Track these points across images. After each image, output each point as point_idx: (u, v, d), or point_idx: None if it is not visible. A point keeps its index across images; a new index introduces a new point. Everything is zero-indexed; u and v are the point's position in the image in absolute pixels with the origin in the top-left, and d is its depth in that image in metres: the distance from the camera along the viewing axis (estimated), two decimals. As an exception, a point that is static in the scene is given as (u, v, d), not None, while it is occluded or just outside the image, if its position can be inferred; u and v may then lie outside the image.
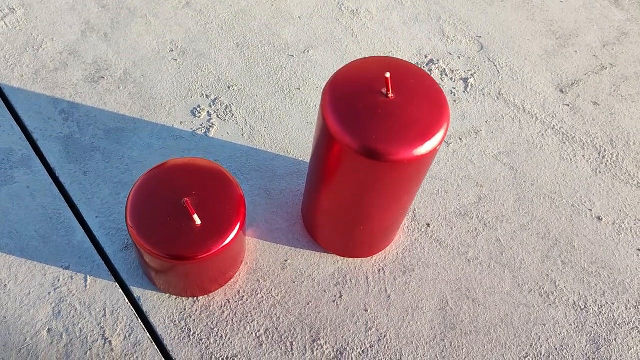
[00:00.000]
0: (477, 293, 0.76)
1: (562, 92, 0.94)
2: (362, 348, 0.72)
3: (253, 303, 0.73)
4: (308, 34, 0.96)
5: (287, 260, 0.77)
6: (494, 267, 0.78)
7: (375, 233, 0.72)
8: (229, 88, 0.89)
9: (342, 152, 0.58)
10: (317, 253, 0.77)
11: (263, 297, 0.74)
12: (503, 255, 0.79)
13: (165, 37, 0.93)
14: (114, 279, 0.74)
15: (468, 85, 0.93)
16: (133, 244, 0.69)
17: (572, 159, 0.87)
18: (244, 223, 0.66)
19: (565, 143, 0.89)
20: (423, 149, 0.56)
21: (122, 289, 0.73)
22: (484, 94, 0.92)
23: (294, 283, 0.75)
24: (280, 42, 0.95)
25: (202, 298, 0.73)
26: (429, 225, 0.80)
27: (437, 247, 0.79)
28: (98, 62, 0.90)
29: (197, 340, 0.71)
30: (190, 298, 0.73)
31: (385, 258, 0.78)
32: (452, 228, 0.81)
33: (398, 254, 0.78)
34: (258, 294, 0.74)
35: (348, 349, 0.72)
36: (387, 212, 0.67)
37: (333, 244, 0.76)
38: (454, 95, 0.92)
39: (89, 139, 0.83)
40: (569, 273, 0.79)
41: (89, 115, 0.85)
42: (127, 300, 0.72)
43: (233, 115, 0.87)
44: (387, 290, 0.76)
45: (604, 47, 0.99)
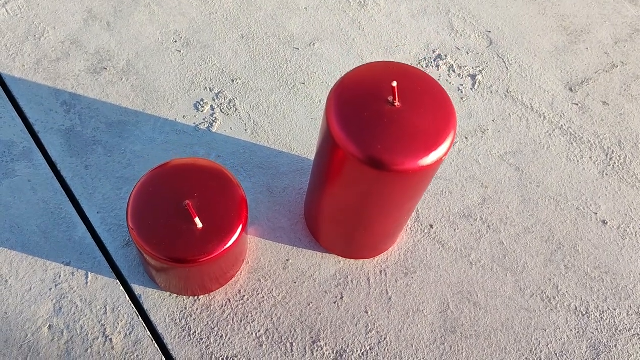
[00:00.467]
0: (478, 296, 0.76)
1: (571, 90, 0.92)
2: (362, 350, 0.72)
3: (254, 303, 0.73)
4: (314, 26, 0.94)
5: (288, 260, 0.76)
6: (497, 270, 0.78)
7: (378, 236, 0.71)
8: (233, 81, 0.88)
9: (345, 159, 0.57)
10: (318, 253, 0.77)
11: (264, 297, 0.74)
12: (506, 259, 0.79)
13: (169, 27, 0.92)
14: (115, 276, 0.74)
15: (476, 82, 0.91)
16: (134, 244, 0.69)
17: (579, 161, 0.86)
18: (246, 226, 0.65)
19: (573, 144, 0.87)
20: (428, 160, 0.55)
21: (123, 287, 0.73)
22: (492, 92, 0.91)
23: (295, 283, 0.75)
24: (286, 34, 0.93)
25: (203, 297, 0.73)
26: (432, 227, 0.80)
27: (439, 249, 0.79)
28: (100, 52, 0.88)
29: (197, 340, 0.71)
30: (191, 297, 0.73)
31: (388, 259, 0.77)
32: (455, 230, 0.80)
33: (400, 256, 0.78)
34: (259, 294, 0.74)
35: (348, 351, 0.72)
36: (389, 217, 0.66)
37: (335, 245, 0.75)
38: (461, 93, 0.90)
39: (91, 132, 0.82)
40: (572, 278, 0.78)
41: (91, 108, 0.84)
42: (128, 298, 0.72)
43: (237, 110, 0.86)
44: (388, 292, 0.75)
45: (616, 44, 0.97)
